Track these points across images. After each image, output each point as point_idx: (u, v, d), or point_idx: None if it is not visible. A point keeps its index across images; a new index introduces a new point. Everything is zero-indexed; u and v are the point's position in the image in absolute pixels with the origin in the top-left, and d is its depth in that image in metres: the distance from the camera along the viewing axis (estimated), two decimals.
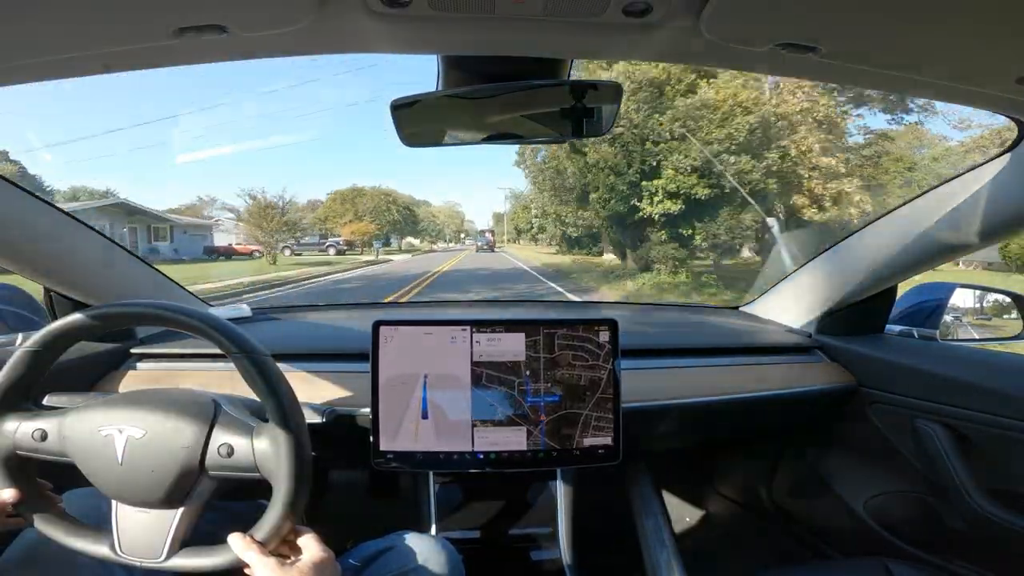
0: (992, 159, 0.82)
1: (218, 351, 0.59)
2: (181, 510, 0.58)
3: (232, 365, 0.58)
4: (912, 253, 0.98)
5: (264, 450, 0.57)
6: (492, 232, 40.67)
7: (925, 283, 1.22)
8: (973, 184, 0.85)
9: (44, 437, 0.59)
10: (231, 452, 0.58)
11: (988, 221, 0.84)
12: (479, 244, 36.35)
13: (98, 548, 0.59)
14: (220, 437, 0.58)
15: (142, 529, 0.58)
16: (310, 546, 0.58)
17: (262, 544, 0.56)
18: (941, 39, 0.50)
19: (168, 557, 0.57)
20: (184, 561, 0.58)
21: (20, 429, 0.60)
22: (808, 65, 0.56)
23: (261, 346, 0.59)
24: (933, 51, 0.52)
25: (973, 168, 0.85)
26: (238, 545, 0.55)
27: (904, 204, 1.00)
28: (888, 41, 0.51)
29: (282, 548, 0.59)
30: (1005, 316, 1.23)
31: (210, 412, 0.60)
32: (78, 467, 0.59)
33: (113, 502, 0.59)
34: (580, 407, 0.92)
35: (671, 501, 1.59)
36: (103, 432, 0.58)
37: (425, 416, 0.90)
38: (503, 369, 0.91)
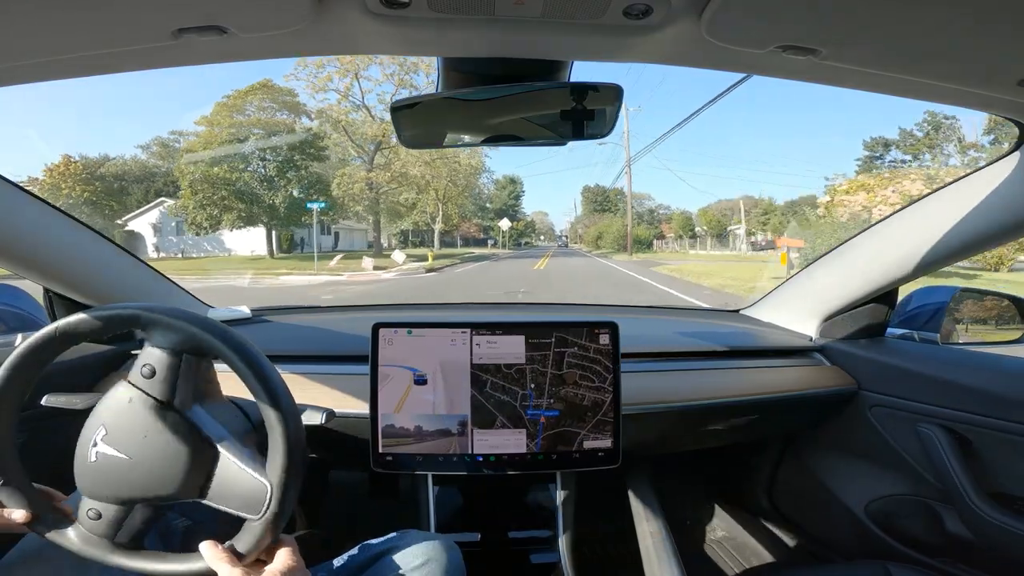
0: (993, 162, 0.82)
1: None
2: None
3: None
4: (913, 257, 0.98)
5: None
6: (567, 236, 45.82)
7: (926, 286, 1.22)
8: (973, 188, 0.85)
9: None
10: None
11: (989, 224, 0.84)
12: (559, 243, 42.08)
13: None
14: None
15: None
16: (282, 556, 0.56)
17: (238, 556, 0.54)
18: (941, 41, 0.50)
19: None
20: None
21: None
22: (809, 67, 0.56)
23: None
24: (933, 53, 0.52)
25: (974, 172, 0.85)
26: (208, 554, 0.54)
27: (905, 208, 0.99)
28: (888, 44, 0.51)
29: (260, 554, 0.58)
30: (1006, 320, 1.23)
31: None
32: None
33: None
34: (579, 426, 0.92)
35: (671, 504, 1.58)
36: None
37: (424, 418, 0.90)
38: (508, 379, 0.91)
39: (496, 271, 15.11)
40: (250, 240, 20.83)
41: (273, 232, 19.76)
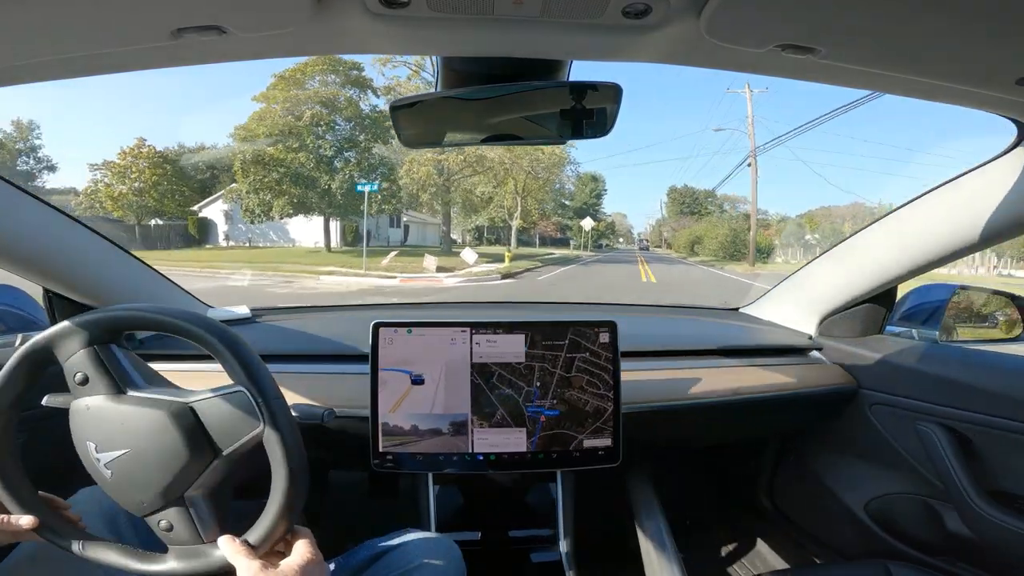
0: (991, 161, 0.82)
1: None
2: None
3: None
4: (912, 255, 0.98)
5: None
6: (647, 239, 46.66)
7: (925, 284, 1.22)
8: (972, 186, 0.85)
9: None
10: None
11: (987, 223, 0.84)
12: (640, 246, 43.34)
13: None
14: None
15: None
16: (300, 548, 0.57)
17: (253, 548, 0.55)
18: (941, 41, 0.50)
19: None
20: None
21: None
22: (808, 66, 0.56)
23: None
24: (932, 53, 0.52)
25: (972, 170, 0.85)
26: (227, 548, 0.55)
27: (904, 206, 0.99)
28: (887, 43, 0.51)
29: (277, 546, 0.59)
30: (1005, 318, 1.23)
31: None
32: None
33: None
34: (578, 430, 0.92)
35: (671, 503, 1.58)
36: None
37: (424, 417, 0.90)
38: (515, 373, 0.92)
39: (594, 281, 11.72)
40: (312, 230, 18.41)
41: (334, 222, 17.37)
